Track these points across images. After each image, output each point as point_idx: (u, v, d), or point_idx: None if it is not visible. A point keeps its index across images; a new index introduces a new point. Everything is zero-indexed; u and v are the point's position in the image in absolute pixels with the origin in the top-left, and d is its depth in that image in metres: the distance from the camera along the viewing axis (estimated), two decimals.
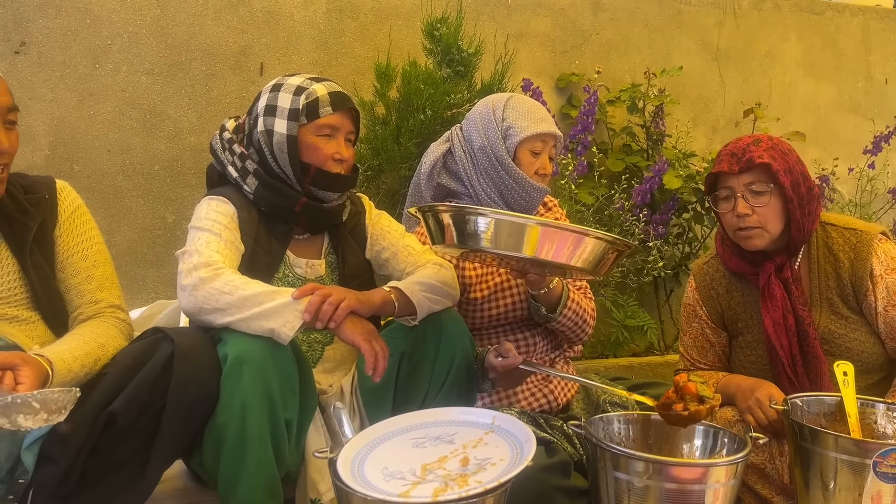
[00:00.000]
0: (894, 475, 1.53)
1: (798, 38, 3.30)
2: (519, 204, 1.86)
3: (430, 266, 1.69)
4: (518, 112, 1.84)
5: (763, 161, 1.72)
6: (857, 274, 1.79)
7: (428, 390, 1.59)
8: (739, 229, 1.76)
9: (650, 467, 1.43)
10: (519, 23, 2.78)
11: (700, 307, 1.92)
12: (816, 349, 1.78)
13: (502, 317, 1.89)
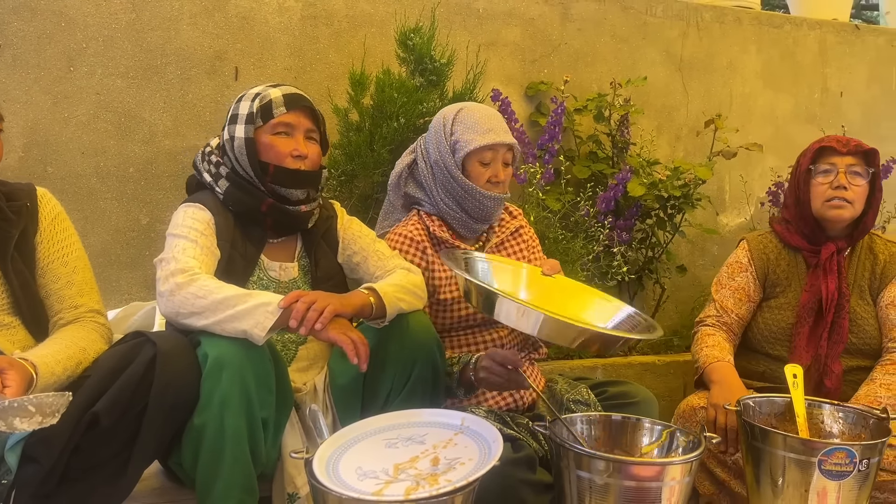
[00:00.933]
0: (838, 473, 1.63)
1: (758, 50, 3.42)
2: (476, 212, 1.94)
3: (400, 271, 1.78)
4: (465, 125, 1.91)
5: (869, 149, 2.09)
6: (887, 273, 2.13)
7: (391, 389, 1.66)
8: (833, 199, 2.06)
9: (610, 466, 1.51)
10: (490, 32, 2.85)
11: (751, 264, 2.20)
12: (845, 321, 2.09)
13: (471, 317, 1.96)
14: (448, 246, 1.98)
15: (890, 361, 2.02)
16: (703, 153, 3.16)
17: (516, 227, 2.09)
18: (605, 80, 3.03)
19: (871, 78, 3.71)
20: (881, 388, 1.93)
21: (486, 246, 2.03)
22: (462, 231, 1.99)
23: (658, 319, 3.02)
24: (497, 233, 2.06)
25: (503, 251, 2.06)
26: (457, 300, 1.95)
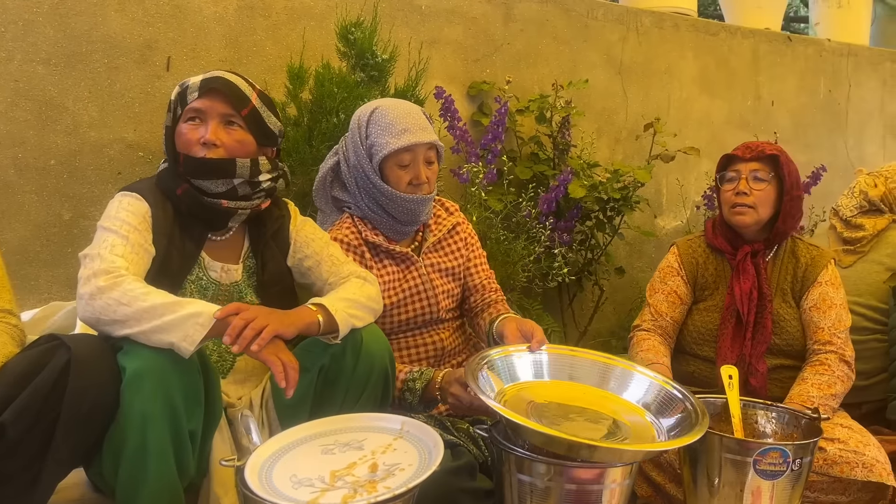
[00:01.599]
0: (772, 472, 1.66)
1: (694, 56, 3.48)
2: (401, 215, 1.89)
3: (354, 281, 1.68)
4: (379, 127, 1.84)
5: (772, 153, 2.11)
6: (808, 276, 2.15)
7: (342, 405, 1.58)
8: (735, 205, 2.11)
9: (551, 469, 1.49)
10: (432, 30, 2.82)
11: (681, 268, 2.23)
12: (767, 321, 2.12)
13: (412, 321, 1.92)
14: (383, 249, 1.92)
15: (819, 362, 2.05)
16: (641, 156, 3.20)
17: (453, 225, 2.06)
18: (546, 81, 3.04)
19: (801, 87, 3.83)
20: (813, 388, 1.97)
21: (423, 246, 1.99)
22: (391, 235, 1.94)
23: (596, 321, 3.06)
24: (434, 231, 2.02)
25: (440, 250, 2.02)
26: (396, 304, 1.91)
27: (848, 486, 1.89)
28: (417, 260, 1.96)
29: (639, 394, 1.75)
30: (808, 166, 3.69)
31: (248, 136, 1.61)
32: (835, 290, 2.12)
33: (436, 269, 1.99)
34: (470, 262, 2.07)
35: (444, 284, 1.99)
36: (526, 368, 1.75)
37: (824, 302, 2.09)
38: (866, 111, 4.07)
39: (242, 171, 1.58)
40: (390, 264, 1.93)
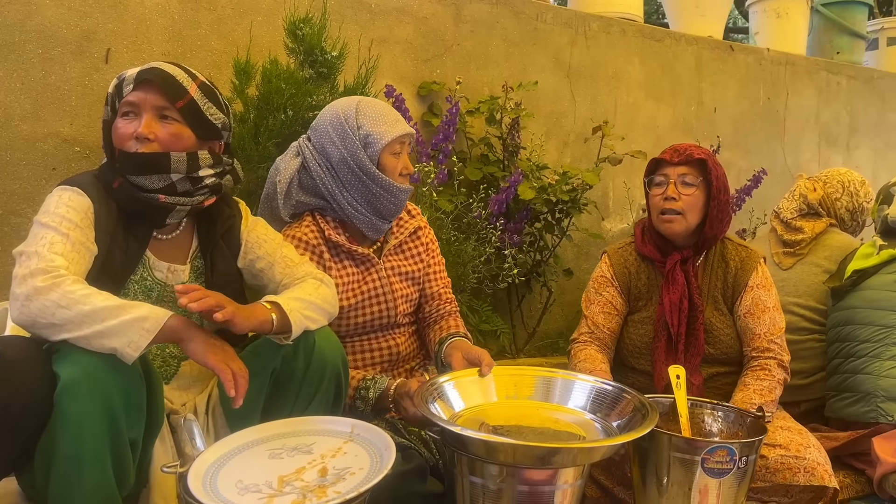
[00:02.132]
0: (719, 470, 1.68)
1: (641, 62, 3.54)
2: (388, 209, 1.86)
3: (310, 282, 1.63)
4: (372, 118, 1.83)
5: (700, 157, 2.06)
6: (739, 281, 2.13)
7: (293, 410, 1.54)
8: (664, 212, 2.06)
9: (504, 471, 1.47)
10: (382, 28, 2.79)
11: (614, 278, 2.19)
12: (700, 332, 2.09)
13: (368, 324, 1.88)
14: (344, 250, 1.89)
15: (759, 367, 2.07)
16: (589, 159, 3.23)
17: (415, 228, 2.04)
18: (496, 83, 3.04)
19: (742, 94, 3.93)
20: (755, 395, 1.99)
21: (385, 248, 1.96)
22: (369, 233, 1.90)
23: (544, 322, 3.07)
24: (395, 234, 1.99)
25: (402, 253, 2.00)
26: (353, 306, 1.87)
27: (790, 488, 1.92)
28: (378, 262, 1.93)
29: (583, 400, 1.75)
30: (749, 171, 3.79)
31: (184, 130, 1.53)
32: (766, 292, 2.12)
33: (396, 273, 1.96)
34: (429, 269, 2.05)
35: (404, 288, 1.97)
36: (474, 392, 1.73)
37: (757, 307, 2.09)
38: (803, 118, 4.20)
39: (178, 166, 1.51)
40: (350, 265, 1.90)
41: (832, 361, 2.47)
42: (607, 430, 1.63)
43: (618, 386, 1.75)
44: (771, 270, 2.61)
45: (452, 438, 1.52)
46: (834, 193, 2.68)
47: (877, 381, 2.26)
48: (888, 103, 4.60)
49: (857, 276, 2.40)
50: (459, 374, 1.75)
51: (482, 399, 1.71)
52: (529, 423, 1.65)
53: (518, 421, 1.65)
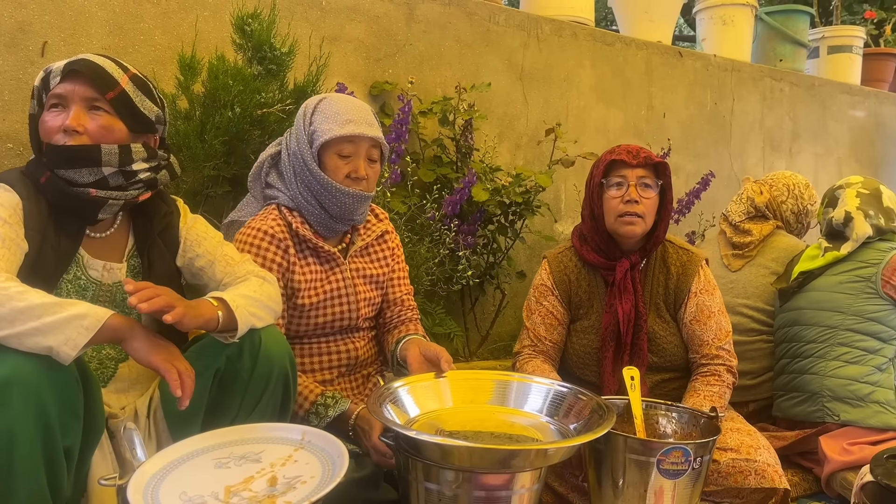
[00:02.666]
0: (674, 471, 1.67)
1: (592, 65, 3.56)
2: (334, 209, 1.81)
3: (254, 279, 1.58)
4: (325, 114, 1.78)
5: (658, 160, 2.03)
6: (681, 286, 2.09)
7: (238, 412, 1.48)
8: (624, 214, 2.00)
9: (460, 476, 1.44)
10: (333, 26, 2.73)
11: (554, 287, 2.12)
12: (643, 341, 2.05)
13: (328, 325, 1.84)
14: (310, 245, 1.84)
15: (709, 373, 2.07)
16: (541, 162, 3.23)
17: (382, 232, 2.00)
18: (449, 84, 3.01)
19: (690, 99, 3.99)
20: (706, 401, 1.99)
21: (351, 249, 1.92)
22: (321, 230, 1.86)
23: (498, 325, 3.05)
24: (363, 235, 1.95)
25: (367, 256, 1.96)
26: (315, 305, 1.82)
27: (741, 490, 1.93)
28: (343, 262, 1.89)
29: (540, 403, 1.73)
30: (697, 175, 3.85)
31: (116, 122, 1.48)
32: (710, 296, 2.10)
33: (360, 275, 1.92)
34: (393, 274, 2.02)
35: (367, 291, 1.93)
36: (430, 397, 1.70)
37: (702, 313, 2.08)
38: (748, 124, 4.28)
39: (110, 159, 1.45)
40: (314, 262, 1.85)
41: (780, 362, 2.51)
42: (564, 433, 1.62)
43: (574, 388, 1.74)
44: (720, 272, 2.66)
45: (407, 443, 1.48)
46: (780, 196, 2.73)
47: (823, 380, 2.30)
48: (828, 110, 4.74)
49: (804, 278, 2.44)
50: (414, 378, 1.72)
51: (438, 404, 1.68)
52: (486, 427, 1.62)
53: (474, 425, 1.62)
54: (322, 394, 1.74)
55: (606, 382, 2.05)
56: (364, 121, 1.79)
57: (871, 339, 2.28)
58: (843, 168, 4.82)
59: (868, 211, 2.41)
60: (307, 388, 1.75)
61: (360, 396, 1.91)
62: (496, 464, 1.43)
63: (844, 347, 2.30)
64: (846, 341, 2.30)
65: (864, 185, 2.50)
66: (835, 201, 2.53)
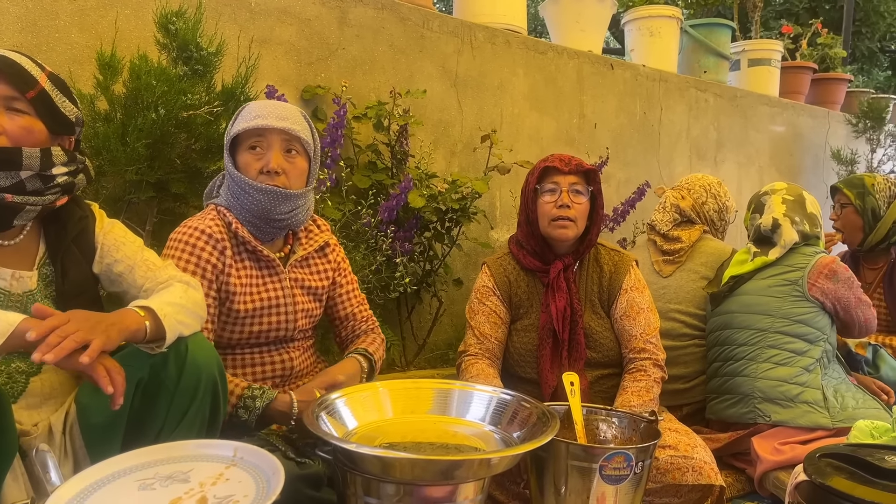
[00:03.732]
0: (617, 477, 1.66)
1: (525, 73, 3.57)
2: (251, 209, 1.75)
3: (178, 285, 1.50)
4: (243, 114, 1.76)
5: (589, 167, 2.13)
6: (614, 284, 2.18)
7: (164, 423, 1.39)
8: (557, 219, 2.09)
9: (401, 489, 1.39)
10: (263, 28, 2.65)
11: (495, 288, 2.19)
12: (581, 337, 2.11)
13: (264, 334, 1.76)
14: (249, 248, 1.77)
15: (636, 369, 2.11)
16: (476, 169, 3.21)
17: (323, 243, 1.94)
18: (383, 89, 2.97)
19: (620, 108, 4.05)
20: (634, 397, 2.03)
21: (291, 258, 1.85)
22: (255, 232, 1.79)
23: (435, 333, 3.01)
24: (304, 245, 1.89)
25: (307, 267, 1.89)
26: (251, 313, 1.74)
27: (680, 488, 1.95)
28: (283, 270, 1.82)
29: (482, 412, 1.70)
30: (627, 183, 3.92)
31: (36, 123, 1.40)
32: (640, 294, 2.18)
33: (299, 285, 1.86)
34: (341, 289, 1.98)
35: (306, 303, 1.86)
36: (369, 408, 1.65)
37: (632, 309, 2.15)
38: (675, 133, 4.39)
39: (31, 163, 1.37)
40: (252, 266, 1.77)
41: (712, 365, 2.55)
42: (507, 442, 1.59)
43: (517, 395, 1.71)
44: (651, 278, 2.69)
45: (345, 456, 1.42)
46: (700, 198, 2.79)
47: (754, 382, 2.35)
48: (750, 121, 4.91)
49: (734, 282, 2.49)
50: (353, 389, 1.66)
51: (377, 415, 1.63)
52: (427, 437, 1.58)
53: (415, 436, 1.57)
54: (248, 387, 1.68)
55: (545, 379, 2.08)
56: (276, 115, 1.74)
57: (799, 340, 2.34)
58: (765, 176, 5.00)
59: (794, 217, 2.48)
60: (232, 383, 1.68)
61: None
62: (438, 475, 1.38)
63: (774, 349, 2.35)
64: (776, 343, 2.35)
65: (788, 192, 2.57)
66: (761, 207, 2.59)
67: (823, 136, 5.50)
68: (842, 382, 2.36)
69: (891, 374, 2.56)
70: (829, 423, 2.23)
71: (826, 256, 2.42)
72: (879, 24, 8.33)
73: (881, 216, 2.81)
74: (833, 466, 1.53)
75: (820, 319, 2.36)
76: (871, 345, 2.62)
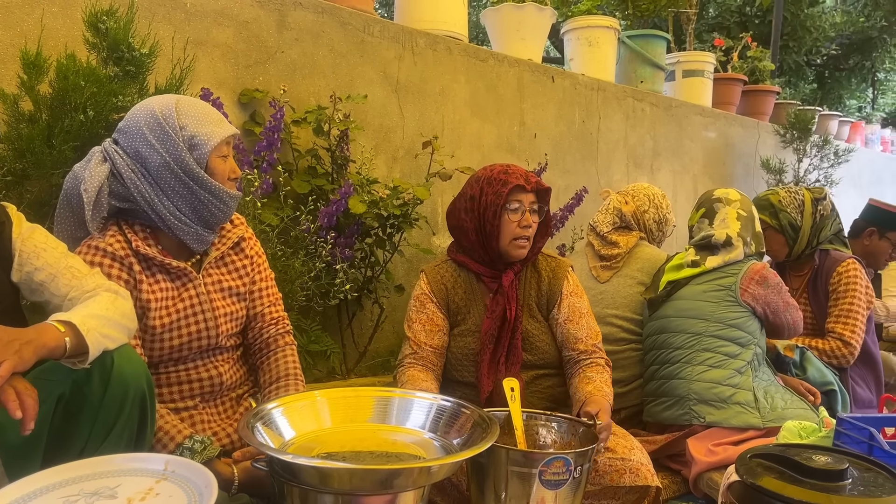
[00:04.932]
0: (556, 482, 1.67)
1: (466, 80, 3.59)
2: (216, 217, 1.70)
3: (105, 295, 1.43)
4: (196, 117, 1.68)
5: (546, 187, 2.15)
6: (552, 289, 2.21)
7: (88, 440, 1.33)
8: (519, 238, 2.11)
9: (340, 500, 1.37)
10: (199, 30, 2.59)
11: (432, 294, 2.19)
12: (518, 341, 2.14)
13: (185, 347, 1.69)
14: (156, 263, 1.70)
15: (594, 364, 2.13)
16: (418, 175, 3.21)
17: (238, 238, 1.88)
18: (323, 94, 2.94)
19: (559, 116, 4.11)
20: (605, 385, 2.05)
21: (205, 262, 1.78)
22: (194, 245, 1.72)
23: (376, 340, 2.99)
24: (217, 245, 1.82)
25: (224, 266, 1.83)
26: (168, 327, 1.67)
27: (617, 490, 1.97)
28: (196, 277, 1.76)
29: (422, 419, 1.69)
30: (567, 189, 3.97)
31: None
32: (579, 299, 2.23)
33: (217, 288, 1.79)
34: (253, 286, 1.89)
35: (227, 306, 1.79)
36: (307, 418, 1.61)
37: (575, 313, 2.19)
38: (613, 141, 4.47)
39: None
40: (164, 279, 1.70)
41: (649, 368, 2.60)
42: (447, 449, 1.58)
43: (456, 402, 1.71)
44: (589, 284, 2.73)
45: (282, 468, 1.39)
46: (642, 206, 2.85)
47: (689, 384, 2.40)
48: (684, 130, 5.04)
49: (671, 288, 2.55)
50: (290, 399, 1.63)
51: (315, 425, 1.60)
52: (366, 446, 1.56)
53: (354, 445, 1.55)
54: (190, 437, 1.61)
55: (482, 383, 2.09)
56: (224, 119, 1.76)
57: (731, 344, 2.41)
58: (699, 184, 5.14)
59: (746, 238, 2.53)
60: (174, 428, 1.62)
61: (231, 421, 1.79)
62: (378, 485, 1.36)
63: (709, 353, 2.41)
64: (710, 347, 2.42)
65: (742, 206, 2.59)
66: (712, 214, 2.61)
67: (754, 146, 5.69)
68: (771, 384, 2.43)
69: (817, 375, 2.65)
70: (760, 422, 2.30)
71: (757, 263, 2.49)
72: (806, 38, 8.69)
73: (799, 226, 2.92)
74: (763, 467, 1.57)
75: (751, 324, 2.43)
76: (798, 347, 2.71)
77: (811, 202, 2.94)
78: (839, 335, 2.79)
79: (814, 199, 2.95)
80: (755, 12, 8.40)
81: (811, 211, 2.93)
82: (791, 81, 9.40)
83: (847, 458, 1.55)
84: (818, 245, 2.94)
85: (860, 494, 1.44)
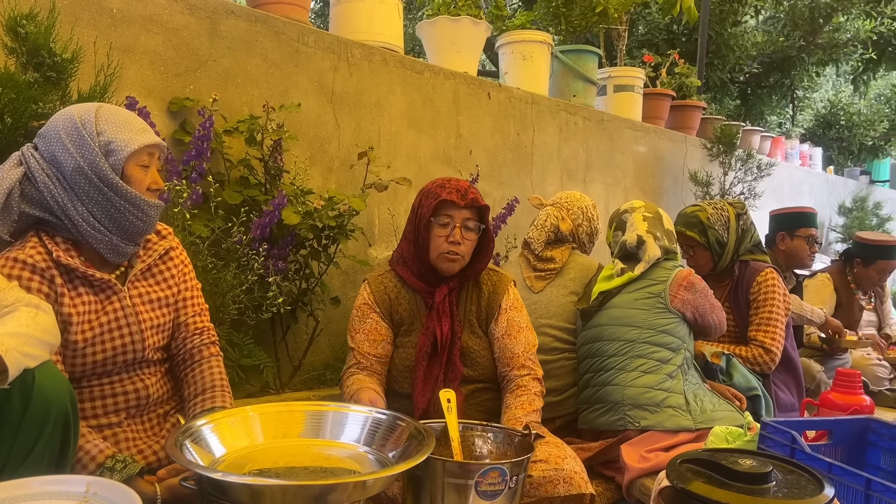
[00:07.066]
0: (492, 492, 1.68)
1: (402, 92, 3.59)
2: (135, 226, 1.65)
3: (24, 310, 1.37)
4: (115, 124, 1.65)
5: (484, 204, 2.14)
6: (492, 304, 2.22)
7: (7, 461, 1.27)
8: (448, 253, 2.10)
9: None
10: (126, 36, 2.52)
11: (375, 304, 2.18)
12: (457, 357, 2.14)
13: (109, 362, 1.63)
14: (78, 275, 1.63)
15: (516, 386, 2.18)
16: (354, 186, 3.19)
17: (166, 249, 1.83)
18: (256, 103, 2.89)
19: (495, 129, 4.15)
20: (519, 410, 2.09)
21: (130, 273, 1.73)
22: (109, 255, 1.66)
23: (311, 353, 2.94)
24: (143, 257, 1.76)
25: (151, 278, 1.77)
26: (91, 341, 1.61)
27: (552, 500, 1.99)
28: (121, 289, 1.70)
29: (357, 433, 1.67)
30: (502, 200, 4.00)
31: None
32: (518, 313, 2.25)
33: (144, 301, 1.74)
34: (178, 295, 1.85)
35: (154, 318, 1.75)
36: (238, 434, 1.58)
37: (513, 328, 2.21)
38: (547, 153, 4.54)
39: None
40: (87, 292, 1.64)
41: (584, 376, 2.64)
42: (383, 462, 1.56)
43: (392, 414, 1.70)
44: (523, 293, 2.76)
45: (212, 486, 1.35)
46: (577, 220, 2.90)
47: (623, 390, 2.45)
48: (616, 143, 5.16)
49: (603, 297, 2.60)
50: (220, 415, 1.59)
51: (247, 441, 1.56)
52: (300, 462, 1.53)
53: (287, 461, 1.52)
54: (112, 456, 1.56)
55: (417, 399, 2.09)
56: (151, 130, 1.72)
57: (663, 349, 2.47)
58: (630, 196, 5.26)
59: (656, 233, 2.62)
60: (96, 448, 1.56)
61: (157, 438, 1.73)
62: (312, 501, 1.34)
63: (642, 359, 2.47)
64: (643, 353, 2.47)
65: (646, 209, 2.73)
66: (623, 225, 2.73)
67: (682, 159, 5.87)
68: (700, 388, 2.51)
69: (742, 381, 2.74)
70: (692, 424, 2.36)
71: (683, 270, 2.58)
72: (729, 56, 9.03)
73: (725, 242, 3.03)
74: (693, 472, 1.61)
75: (681, 329, 2.51)
76: (725, 354, 2.80)
77: (734, 217, 3.06)
78: (760, 343, 2.90)
79: (737, 214, 3.07)
80: (682, 30, 8.69)
81: (735, 226, 3.05)
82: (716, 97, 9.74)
83: (771, 462, 1.60)
84: (738, 256, 3.06)
85: (784, 497, 1.49)
